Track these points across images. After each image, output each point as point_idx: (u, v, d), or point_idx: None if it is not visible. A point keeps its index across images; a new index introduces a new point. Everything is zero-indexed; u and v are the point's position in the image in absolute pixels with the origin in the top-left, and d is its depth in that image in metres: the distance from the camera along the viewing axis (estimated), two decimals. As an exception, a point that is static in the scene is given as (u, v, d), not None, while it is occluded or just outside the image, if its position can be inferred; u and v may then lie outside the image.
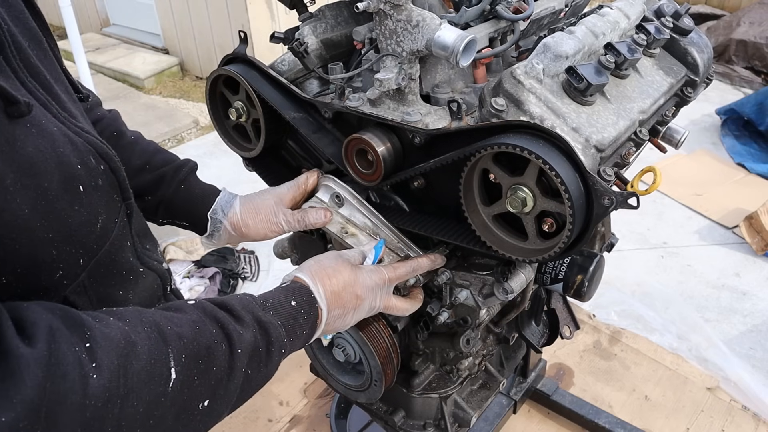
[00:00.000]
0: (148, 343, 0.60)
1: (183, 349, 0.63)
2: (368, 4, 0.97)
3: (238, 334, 0.69)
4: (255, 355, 0.72)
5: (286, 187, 1.13)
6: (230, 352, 0.68)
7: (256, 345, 0.72)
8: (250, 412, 2.14)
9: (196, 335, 0.66)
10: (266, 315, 0.76)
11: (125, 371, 0.57)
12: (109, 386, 0.55)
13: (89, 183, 0.68)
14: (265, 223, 1.11)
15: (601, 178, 0.88)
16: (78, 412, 0.52)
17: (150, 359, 0.59)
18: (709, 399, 2.14)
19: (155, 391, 0.59)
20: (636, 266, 2.88)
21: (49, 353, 0.52)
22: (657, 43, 1.16)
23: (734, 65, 4.79)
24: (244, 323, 0.72)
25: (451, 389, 1.40)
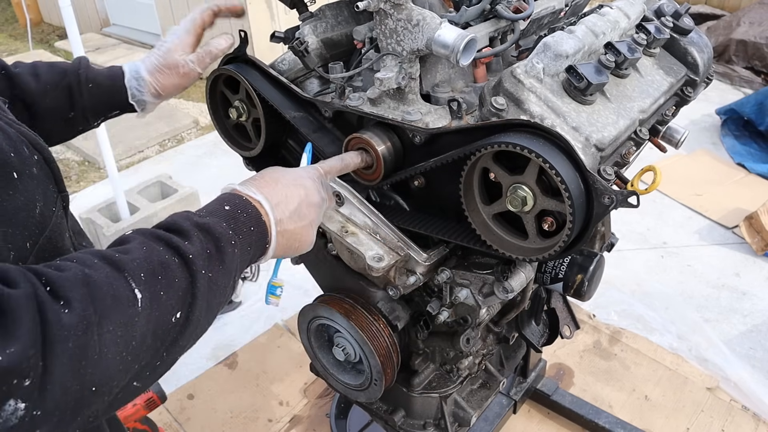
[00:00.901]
0: (103, 272, 0.62)
1: (138, 269, 0.64)
2: (368, 4, 0.97)
3: (183, 244, 0.70)
4: (208, 256, 0.72)
5: (181, 34, 1.12)
6: (183, 261, 0.69)
7: (204, 248, 0.72)
8: (251, 412, 2.14)
9: (146, 254, 0.67)
10: (203, 219, 0.76)
11: (92, 299, 0.58)
12: (83, 315, 0.57)
13: (23, 170, 0.70)
14: (180, 78, 1.12)
15: (601, 177, 0.88)
16: (62, 344, 0.55)
17: (110, 285, 0.61)
18: (709, 399, 2.14)
19: (126, 312, 0.61)
20: (636, 266, 2.88)
21: (34, 289, 0.55)
22: (657, 42, 1.16)
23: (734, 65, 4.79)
24: (186, 233, 0.72)
25: (451, 389, 1.40)
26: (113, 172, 2.81)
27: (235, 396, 2.20)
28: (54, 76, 1.06)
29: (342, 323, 1.22)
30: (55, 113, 1.06)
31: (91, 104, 1.08)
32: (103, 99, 1.09)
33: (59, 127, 1.08)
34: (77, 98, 1.07)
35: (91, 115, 1.10)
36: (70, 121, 1.08)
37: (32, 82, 1.03)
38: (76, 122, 1.09)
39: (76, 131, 1.12)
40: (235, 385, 2.25)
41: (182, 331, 0.68)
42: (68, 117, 1.08)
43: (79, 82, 1.07)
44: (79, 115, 1.08)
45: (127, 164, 3.95)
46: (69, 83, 1.06)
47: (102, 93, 1.09)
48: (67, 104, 1.06)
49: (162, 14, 5.35)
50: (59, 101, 1.05)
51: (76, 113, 1.08)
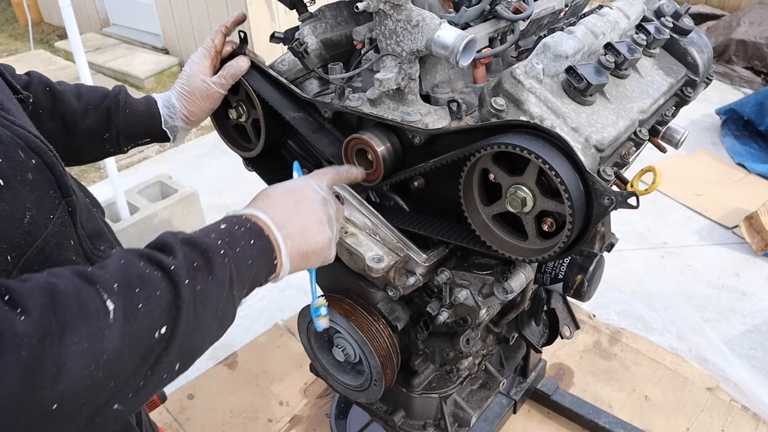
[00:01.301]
0: (72, 282, 0.59)
1: (110, 280, 0.61)
2: (368, 4, 0.97)
3: (166, 258, 0.67)
4: (193, 268, 0.69)
5: (199, 60, 1.16)
6: (165, 273, 0.66)
7: (189, 259, 0.69)
8: (251, 412, 2.14)
9: (123, 268, 0.64)
10: (190, 235, 0.74)
11: (54, 309, 0.56)
12: (40, 323, 0.54)
13: (13, 176, 0.67)
14: (205, 101, 1.16)
15: (601, 177, 0.88)
16: (13, 352, 0.52)
17: (77, 295, 0.58)
18: (709, 399, 2.14)
19: (95, 324, 0.58)
20: (636, 266, 2.88)
21: None
22: (657, 43, 1.16)
23: (734, 65, 4.79)
24: (169, 248, 0.69)
25: (451, 389, 1.40)
26: (113, 172, 2.81)
27: (235, 396, 2.20)
28: (95, 97, 1.11)
29: (342, 324, 1.22)
30: (92, 133, 1.10)
31: (126, 128, 1.12)
32: (138, 124, 1.14)
33: (93, 146, 1.12)
34: (114, 120, 1.11)
35: (124, 138, 1.14)
36: (104, 142, 1.12)
37: (74, 101, 1.08)
38: (109, 144, 1.13)
39: (107, 152, 1.16)
40: (235, 385, 2.25)
41: (167, 347, 0.64)
42: (103, 137, 1.12)
43: (118, 106, 1.12)
44: (113, 137, 1.12)
45: (127, 164, 3.95)
46: (108, 106, 1.11)
47: (137, 118, 1.13)
48: (104, 126, 1.11)
49: (162, 14, 5.35)
50: (97, 122, 1.10)
51: (111, 135, 1.12)
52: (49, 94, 1.06)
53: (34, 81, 1.05)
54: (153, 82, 5.14)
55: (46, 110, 1.05)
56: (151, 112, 1.14)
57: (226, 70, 1.15)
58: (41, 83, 1.06)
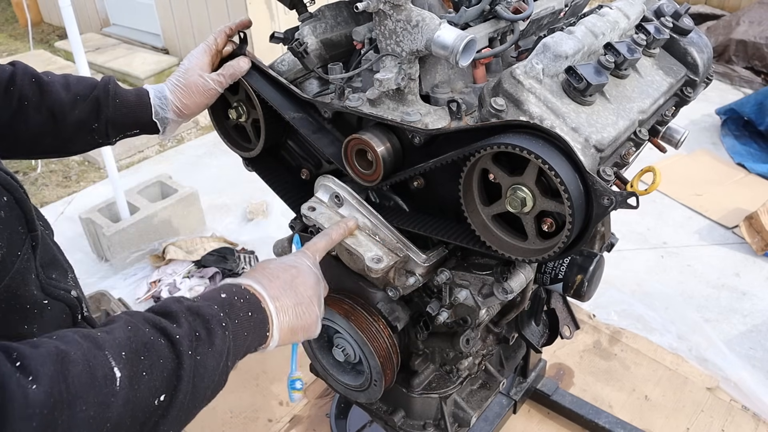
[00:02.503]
0: (81, 349, 0.59)
1: (119, 347, 0.62)
2: (368, 4, 0.97)
3: (171, 326, 0.69)
4: (196, 338, 0.70)
5: (198, 55, 1.15)
6: (170, 342, 0.67)
7: (192, 329, 0.71)
8: (251, 412, 2.14)
9: (131, 334, 0.65)
10: (195, 303, 0.75)
11: (64, 377, 0.56)
12: (51, 392, 0.54)
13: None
14: (200, 96, 1.15)
15: (601, 177, 0.88)
16: (24, 422, 0.51)
17: (87, 363, 0.58)
18: (709, 399, 2.14)
19: (102, 392, 0.58)
20: (636, 266, 2.87)
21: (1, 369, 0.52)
22: (657, 43, 1.16)
23: (734, 65, 4.78)
24: (174, 315, 0.71)
25: (451, 389, 1.40)
26: (113, 172, 2.81)
27: (235, 396, 2.20)
28: (84, 88, 1.09)
29: (342, 324, 1.22)
30: (80, 124, 1.08)
31: (115, 118, 1.11)
32: (128, 114, 1.12)
33: (81, 137, 1.11)
34: (104, 110, 1.09)
35: (113, 129, 1.12)
36: (92, 132, 1.11)
37: (62, 92, 1.07)
38: (98, 134, 1.11)
39: (95, 143, 1.14)
40: (235, 385, 2.25)
41: (165, 414, 0.66)
42: (92, 128, 1.10)
43: (107, 96, 1.10)
44: (102, 128, 1.11)
45: (127, 164, 3.95)
46: (97, 96, 1.09)
47: (127, 108, 1.12)
48: (93, 116, 1.09)
49: (162, 14, 5.35)
50: (86, 113, 1.08)
51: (100, 125, 1.10)
52: (35, 86, 1.03)
53: (18, 72, 1.03)
54: (153, 82, 5.13)
55: (33, 102, 1.02)
56: (142, 102, 1.13)
57: (226, 68, 1.15)
58: (27, 74, 1.04)
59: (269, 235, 3.08)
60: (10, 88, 1.01)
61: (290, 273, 0.91)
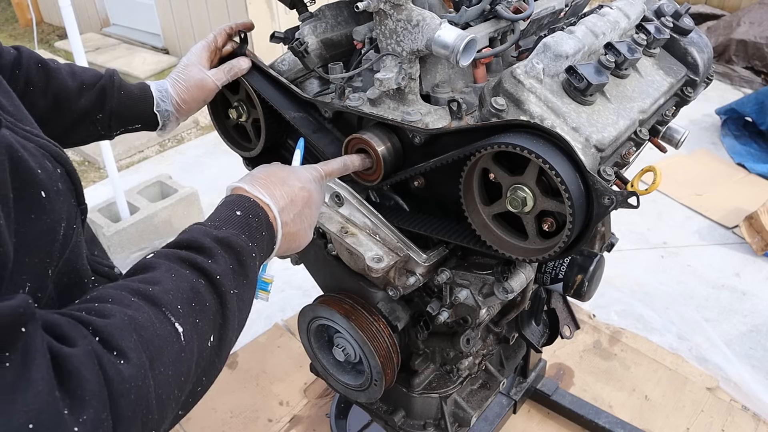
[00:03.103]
0: (145, 312, 0.60)
1: (174, 301, 0.63)
2: (368, 4, 0.97)
3: (208, 264, 0.69)
4: (233, 274, 0.71)
5: (197, 52, 1.16)
6: (211, 283, 0.68)
7: (228, 265, 0.71)
8: (250, 412, 2.14)
9: (177, 283, 0.65)
10: (222, 232, 0.75)
11: (143, 345, 0.57)
12: (139, 364, 0.55)
13: (51, 188, 0.65)
14: (199, 91, 1.15)
15: (601, 177, 0.88)
16: (124, 398, 0.52)
17: (153, 325, 0.59)
18: (709, 399, 2.14)
19: (172, 349, 0.60)
20: (636, 266, 2.87)
21: (92, 345, 0.52)
22: (657, 42, 1.16)
23: (734, 65, 4.78)
24: (208, 251, 0.71)
25: (451, 389, 1.40)
26: (113, 172, 2.81)
27: (235, 396, 2.20)
28: (90, 77, 1.10)
29: (342, 324, 1.22)
30: (85, 113, 1.08)
31: (119, 109, 1.11)
32: (132, 107, 1.13)
33: (83, 127, 1.10)
34: (109, 101, 1.10)
35: (115, 121, 1.12)
36: (95, 123, 1.10)
37: (69, 79, 1.06)
38: (100, 125, 1.11)
39: (96, 134, 1.13)
40: (235, 385, 2.25)
41: (218, 353, 0.68)
42: (96, 118, 1.10)
43: (113, 87, 1.10)
44: (106, 118, 1.11)
45: (127, 164, 3.95)
46: (104, 85, 1.10)
47: (131, 101, 1.12)
48: (98, 105, 1.09)
49: (162, 14, 5.35)
50: (92, 102, 1.08)
51: (104, 116, 1.10)
52: (42, 71, 1.03)
53: (24, 56, 1.02)
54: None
55: (38, 88, 1.02)
56: (145, 95, 1.13)
57: (226, 66, 1.16)
58: (32, 59, 1.03)
59: (269, 235, 3.08)
60: (15, 71, 0.99)
61: (302, 196, 0.90)
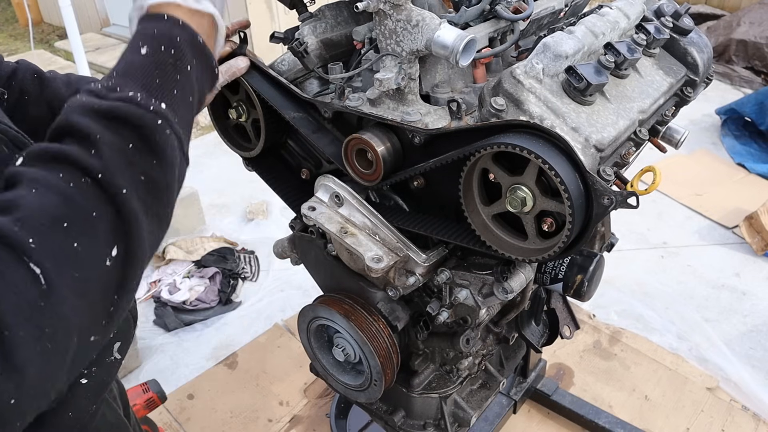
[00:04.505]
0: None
1: (32, 231, 0.50)
2: (368, 4, 0.97)
3: (89, 157, 0.54)
4: (129, 159, 0.56)
5: None
6: (96, 183, 0.54)
7: (120, 148, 0.55)
8: (251, 412, 2.14)
9: (41, 200, 0.51)
10: (111, 96, 0.58)
11: None
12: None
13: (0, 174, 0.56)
14: None
15: (601, 177, 0.88)
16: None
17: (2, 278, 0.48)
18: (709, 399, 2.14)
19: (35, 305, 0.49)
20: (636, 266, 2.87)
21: None
22: (657, 42, 1.16)
23: (734, 65, 4.79)
24: (87, 136, 0.55)
25: (451, 389, 1.40)
26: (113, 172, 2.81)
27: (235, 396, 2.20)
28: (85, 85, 1.08)
29: (342, 324, 1.22)
30: None
31: None
32: None
33: None
34: None
35: None
36: None
37: (63, 88, 1.06)
38: None
39: None
40: (235, 385, 2.25)
41: (126, 264, 0.55)
42: None
43: None
44: None
45: (127, 164, 3.95)
46: None
47: None
48: None
49: (162, 14, 5.34)
50: None
51: None
52: (37, 81, 1.03)
53: (21, 68, 1.03)
54: (153, 82, 5.13)
55: (33, 97, 1.02)
56: None
57: (225, 67, 1.15)
58: (29, 70, 1.04)
59: (269, 235, 3.09)
60: (12, 82, 1.01)
61: None
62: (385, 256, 1.09)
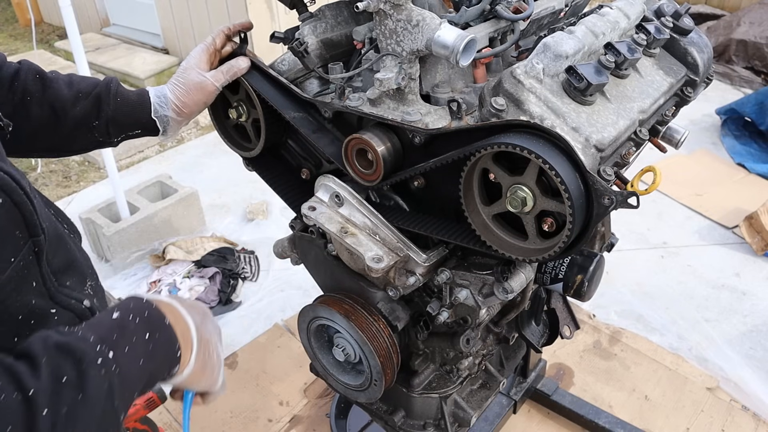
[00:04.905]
0: None
1: None
2: (368, 4, 0.97)
3: (27, 375, 0.59)
4: (60, 388, 0.60)
5: (197, 55, 1.17)
6: (24, 399, 0.57)
7: (57, 376, 0.60)
8: (250, 412, 2.14)
9: None
10: (69, 336, 0.64)
11: None
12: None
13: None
14: (199, 93, 1.16)
15: (601, 177, 0.88)
16: None
17: None
18: (709, 399, 2.14)
19: None
20: (636, 266, 2.87)
21: None
22: (657, 42, 1.16)
23: (734, 65, 4.78)
24: (36, 362, 0.60)
25: (451, 389, 1.40)
26: (113, 172, 2.81)
27: (235, 396, 2.20)
28: (87, 86, 1.10)
29: (342, 324, 1.22)
30: (81, 121, 1.09)
31: (116, 116, 1.11)
32: (129, 114, 1.13)
33: (82, 135, 1.11)
34: (104, 108, 1.10)
35: (114, 127, 1.12)
36: (93, 131, 1.11)
37: (65, 88, 1.08)
38: (98, 132, 1.12)
39: (97, 142, 1.14)
40: (235, 385, 2.25)
41: None
42: (92, 125, 1.10)
43: (109, 94, 1.11)
44: (103, 126, 1.11)
45: (127, 164, 3.95)
46: (99, 93, 1.10)
47: (128, 108, 1.13)
48: (93, 113, 1.09)
49: (162, 14, 5.35)
50: (87, 109, 1.09)
51: (100, 123, 1.10)
52: (39, 82, 1.05)
53: (23, 68, 1.04)
54: (153, 82, 5.13)
55: (35, 97, 1.04)
56: (142, 101, 1.14)
57: (225, 67, 1.16)
58: (31, 71, 1.05)
59: (269, 236, 3.09)
60: (14, 83, 1.02)
61: (199, 312, 0.82)
62: (385, 256, 1.09)
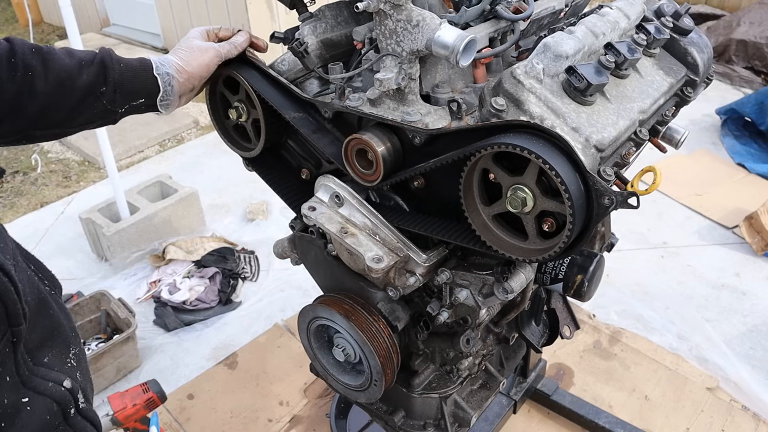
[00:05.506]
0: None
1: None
2: (368, 4, 0.97)
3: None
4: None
5: (196, 33, 1.19)
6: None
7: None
8: (250, 412, 2.14)
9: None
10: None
11: None
12: None
13: None
14: (200, 53, 1.15)
15: (601, 177, 0.88)
16: None
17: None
18: (709, 399, 2.14)
19: None
20: (636, 266, 2.87)
21: None
22: (657, 43, 1.16)
23: (734, 65, 4.78)
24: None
25: (451, 389, 1.40)
26: (113, 172, 2.81)
27: (235, 396, 2.20)
28: (86, 55, 1.08)
29: (342, 324, 1.22)
30: (89, 89, 1.06)
31: (122, 81, 1.09)
32: (133, 79, 1.10)
33: (89, 104, 1.07)
34: (110, 72, 1.07)
35: (120, 95, 1.09)
36: (100, 98, 1.07)
37: (66, 58, 1.05)
38: (105, 99, 1.08)
39: (102, 111, 1.09)
40: (235, 385, 2.25)
41: None
42: (100, 91, 1.07)
43: (112, 60, 1.09)
44: (110, 91, 1.08)
45: (127, 164, 3.95)
46: (102, 58, 1.08)
47: (132, 72, 1.11)
48: (101, 78, 1.07)
49: (162, 14, 5.35)
50: (93, 75, 1.06)
51: (108, 88, 1.08)
52: (37, 55, 1.01)
53: (17, 44, 1.00)
54: (153, 82, 5.13)
55: (37, 71, 1.00)
56: (143, 63, 1.12)
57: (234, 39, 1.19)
58: (25, 45, 1.01)
59: (269, 236, 3.09)
60: (11, 59, 0.98)
61: None
62: (385, 256, 1.09)
